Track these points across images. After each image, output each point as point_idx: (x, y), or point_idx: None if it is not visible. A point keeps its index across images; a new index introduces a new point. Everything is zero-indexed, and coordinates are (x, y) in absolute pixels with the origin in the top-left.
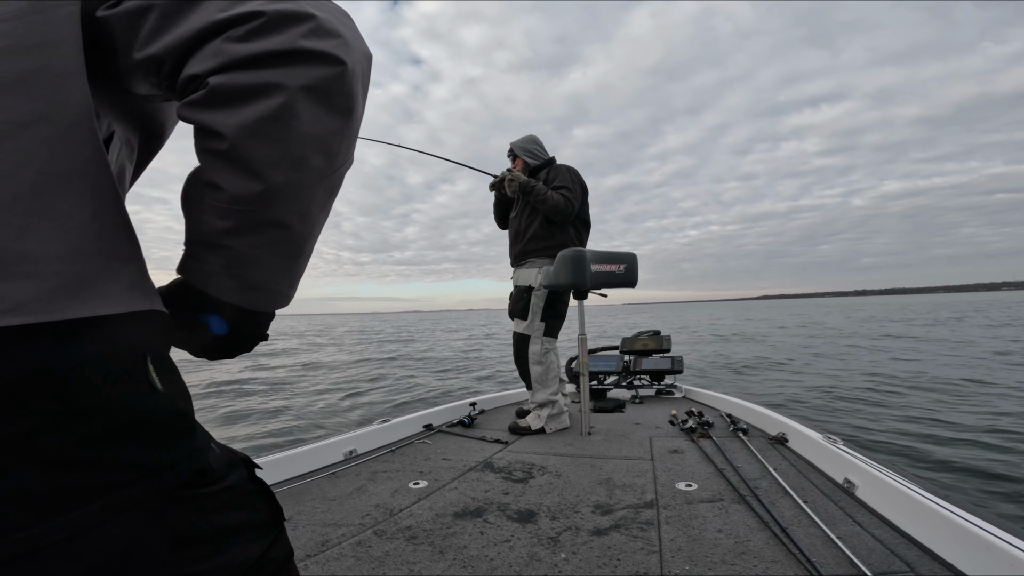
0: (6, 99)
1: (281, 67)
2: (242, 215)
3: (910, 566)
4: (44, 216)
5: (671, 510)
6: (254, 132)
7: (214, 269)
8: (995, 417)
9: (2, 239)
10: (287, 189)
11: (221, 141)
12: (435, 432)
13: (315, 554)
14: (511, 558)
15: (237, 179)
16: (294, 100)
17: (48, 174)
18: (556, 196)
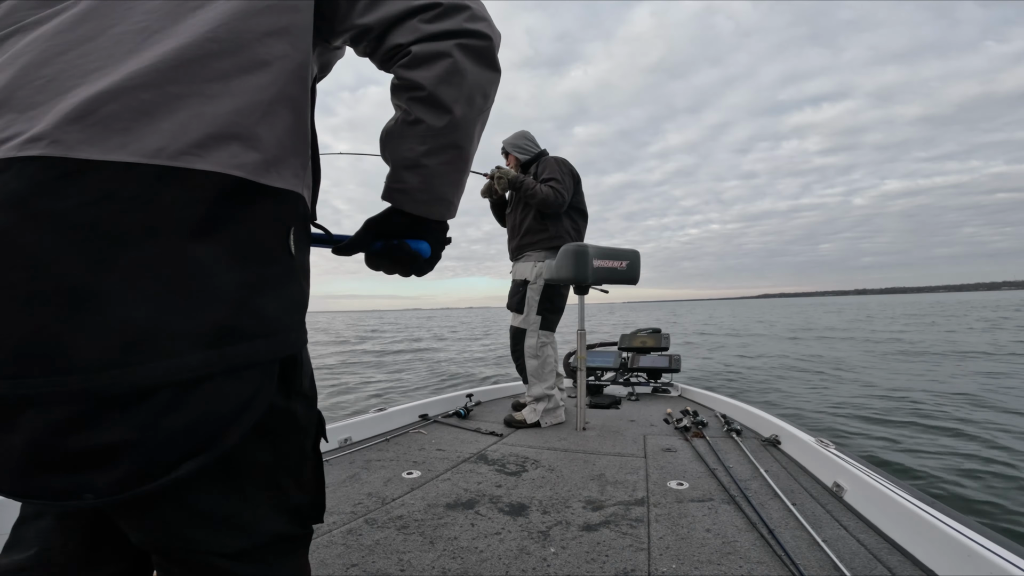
0: (270, 40)
1: (455, 39)
2: (435, 139)
3: (891, 571)
4: (272, 117)
5: (661, 508)
6: (442, 81)
7: (413, 186)
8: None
9: (247, 125)
10: (463, 119)
11: (422, 90)
12: (430, 422)
13: (313, 551)
14: (501, 551)
15: (433, 114)
16: (464, 61)
17: (282, 92)
18: (545, 189)
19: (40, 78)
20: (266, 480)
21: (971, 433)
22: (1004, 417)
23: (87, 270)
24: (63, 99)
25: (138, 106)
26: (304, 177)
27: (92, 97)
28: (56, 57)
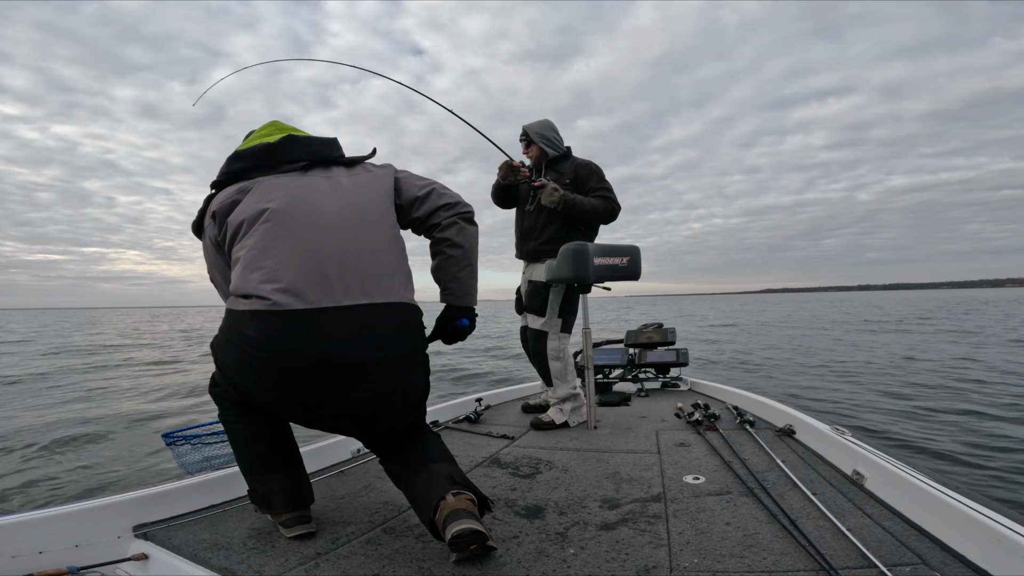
0: (380, 209)
1: (466, 219)
2: (461, 261)
3: (921, 558)
4: (396, 260)
5: (679, 503)
6: (458, 235)
7: (456, 290)
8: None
9: (393, 267)
10: (472, 249)
11: (449, 241)
12: (441, 428)
13: (325, 552)
14: (519, 554)
15: (459, 250)
16: (465, 224)
17: (395, 244)
18: (597, 202)
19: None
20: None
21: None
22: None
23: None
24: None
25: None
26: (414, 294)
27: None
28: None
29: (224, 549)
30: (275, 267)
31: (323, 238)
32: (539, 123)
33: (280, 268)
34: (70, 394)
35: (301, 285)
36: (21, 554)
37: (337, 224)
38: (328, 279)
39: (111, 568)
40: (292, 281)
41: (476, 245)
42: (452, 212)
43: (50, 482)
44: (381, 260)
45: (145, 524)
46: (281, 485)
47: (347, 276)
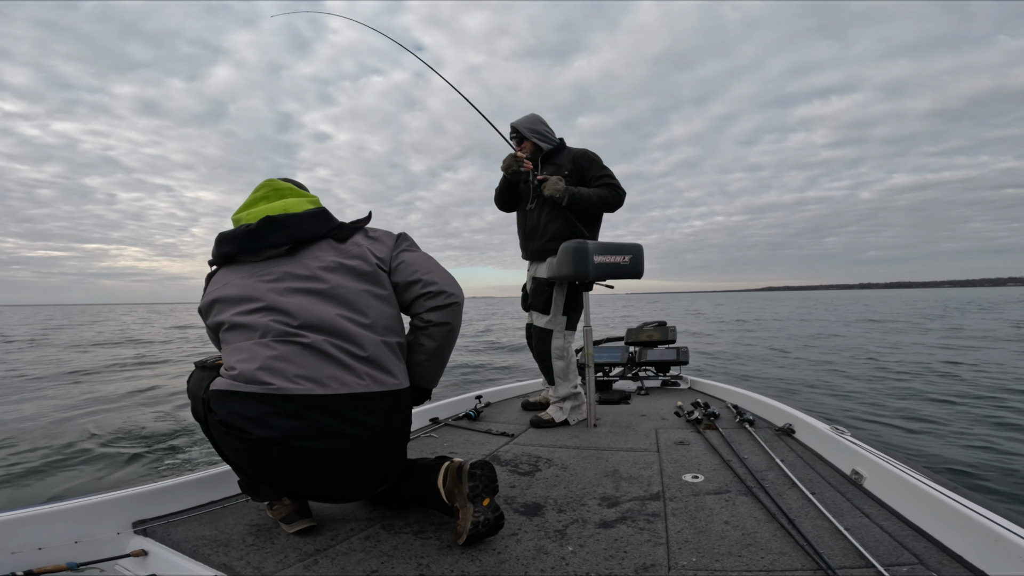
0: (379, 301)
1: (448, 311)
2: (429, 353)
3: (918, 558)
4: (393, 352)
5: (677, 502)
6: (435, 329)
7: (418, 376)
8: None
9: (385, 359)
10: (443, 345)
11: (430, 338)
12: (441, 426)
13: (324, 549)
14: (518, 551)
15: (431, 343)
16: (448, 325)
17: (392, 333)
18: (603, 192)
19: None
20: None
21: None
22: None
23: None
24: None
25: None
26: (407, 377)
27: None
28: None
29: (223, 545)
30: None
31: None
32: (527, 118)
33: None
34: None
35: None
36: (21, 550)
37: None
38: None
39: (110, 564)
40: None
41: (452, 341)
42: (435, 304)
43: (51, 478)
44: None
45: (145, 520)
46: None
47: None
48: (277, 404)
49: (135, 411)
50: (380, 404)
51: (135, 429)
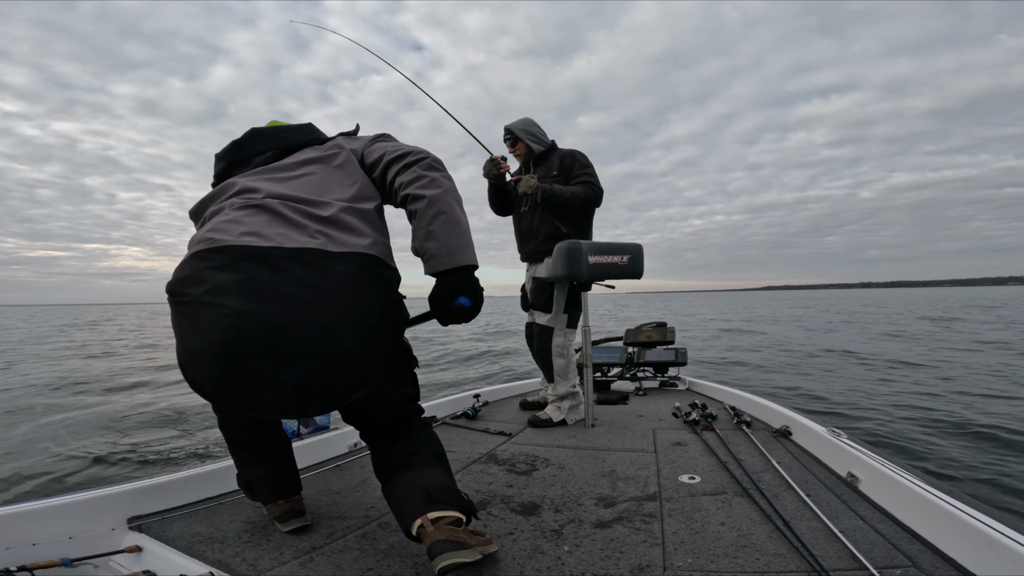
0: (349, 177)
1: (423, 166)
2: (428, 212)
3: (912, 561)
4: (363, 216)
5: (674, 503)
6: (417, 184)
7: (434, 250)
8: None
9: (350, 221)
10: (440, 196)
11: (416, 199)
12: (439, 424)
13: (320, 547)
14: (514, 551)
15: (421, 202)
16: (432, 174)
17: (365, 199)
18: (577, 188)
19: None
20: (394, 380)
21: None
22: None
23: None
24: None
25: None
26: (390, 255)
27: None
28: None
29: (218, 542)
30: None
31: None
32: (522, 121)
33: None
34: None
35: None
36: (15, 545)
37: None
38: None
39: (104, 560)
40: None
41: (447, 193)
42: (401, 164)
43: (46, 474)
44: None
45: (140, 516)
46: (264, 474)
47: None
48: (211, 257)
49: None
50: (337, 267)
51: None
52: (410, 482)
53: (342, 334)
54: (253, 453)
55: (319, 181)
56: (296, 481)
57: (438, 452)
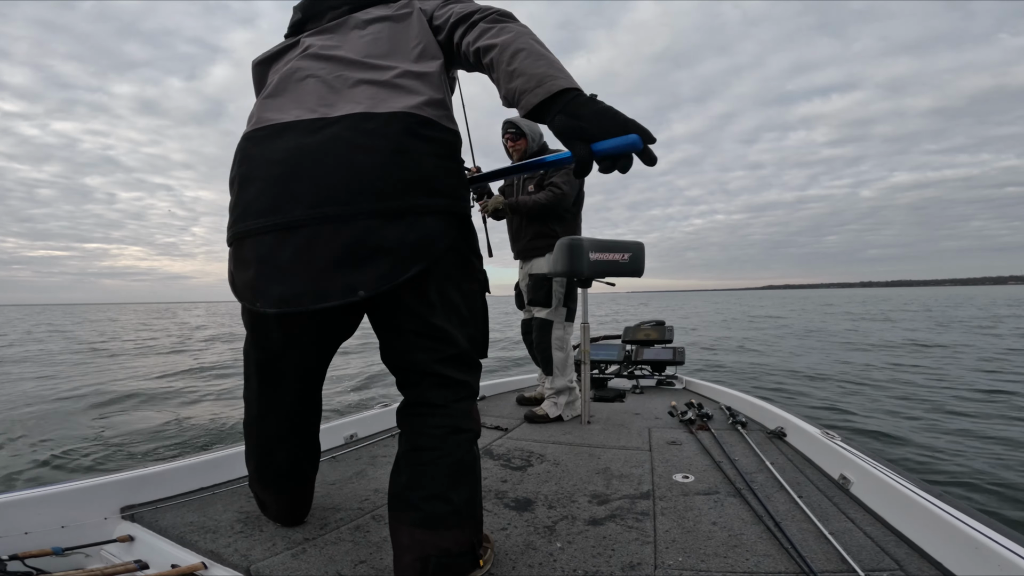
0: (426, 51)
1: (490, 20)
2: (504, 55)
3: (899, 563)
4: (419, 77)
5: (667, 501)
6: (487, 35)
7: (521, 86)
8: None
9: (414, 88)
10: (512, 40)
11: (488, 50)
12: None
13: (313, 538)
14: (507, 546)
15: (493, 51)
16: (502, 23)
17: (429, 74)
18: (540, 196)
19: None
20: (454, 303)
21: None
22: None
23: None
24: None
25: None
26: (450, 113)
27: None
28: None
29: (211, 532)
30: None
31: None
32: (523, 118)
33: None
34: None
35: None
36: (6, 534)
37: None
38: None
39: (96, 549)
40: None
41: (521, 34)
42: (467, 24)
43: (41, 465)
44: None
45: (132, 506)
46: (275, 500)
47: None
48: (255, 139)
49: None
50: (378, 126)
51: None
52: (412, 539)
53: (381, 193)
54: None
55: (384, 42)
56: (308, 507)
57: (459, 489)
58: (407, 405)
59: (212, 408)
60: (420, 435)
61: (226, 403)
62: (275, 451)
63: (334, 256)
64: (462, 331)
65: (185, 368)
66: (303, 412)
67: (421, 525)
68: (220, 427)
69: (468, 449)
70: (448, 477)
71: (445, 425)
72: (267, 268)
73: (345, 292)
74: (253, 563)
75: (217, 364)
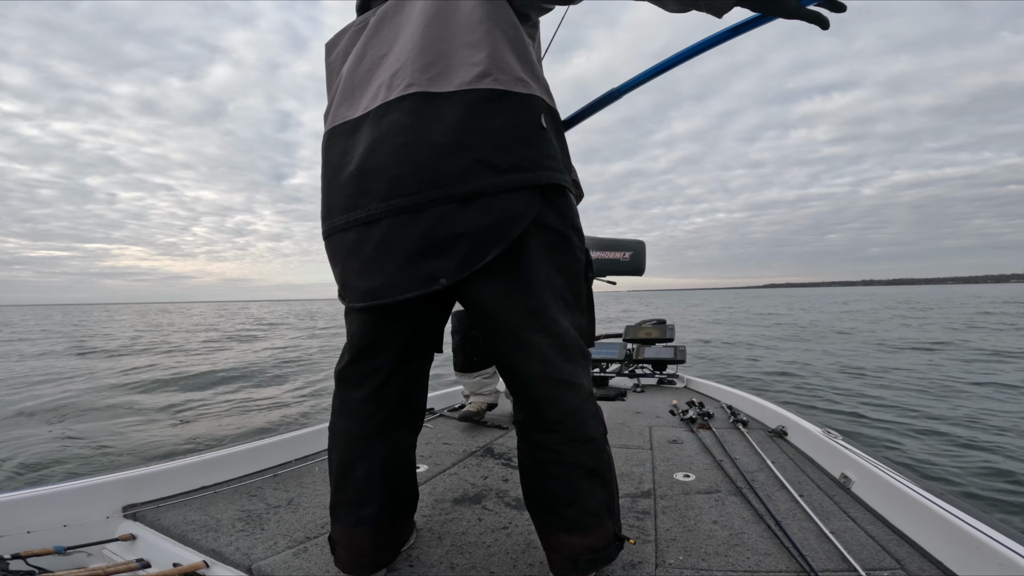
0: (473, 13)
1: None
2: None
3: (900, 563)
4: (496, 50)
5: (668, 500)
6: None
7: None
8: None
9: (478, 61)
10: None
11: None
12: (436, 416)
13: (315, 536)
14: (508, 545)
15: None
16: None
17: (509, 29)
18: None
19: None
20: (555, 286)
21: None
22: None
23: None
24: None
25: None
26: (543, 84)
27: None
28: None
29: (213, 531)
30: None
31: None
32: None
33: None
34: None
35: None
36: (8, 533)
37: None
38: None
39: (98, 548)
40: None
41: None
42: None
43: (42, 464)
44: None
45: (134, 504)
46: (352, 540)
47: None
48: (333, 136)
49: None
50: (443, 106)
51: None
52: (561, 542)
53: (448, 177)
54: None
55: (444, 11)
56: (396, 549)
57: (598, 470)
58: (524, 420)
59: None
60: (544, 450)
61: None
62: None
63: (413, 246)
64: (566, 317)
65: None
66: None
67: (566, 530)
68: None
69: (598, 455)
70: (583, 485)
71: (570, 439)
72: (353, 263)
73: (427, 281)
74: (255, 562)
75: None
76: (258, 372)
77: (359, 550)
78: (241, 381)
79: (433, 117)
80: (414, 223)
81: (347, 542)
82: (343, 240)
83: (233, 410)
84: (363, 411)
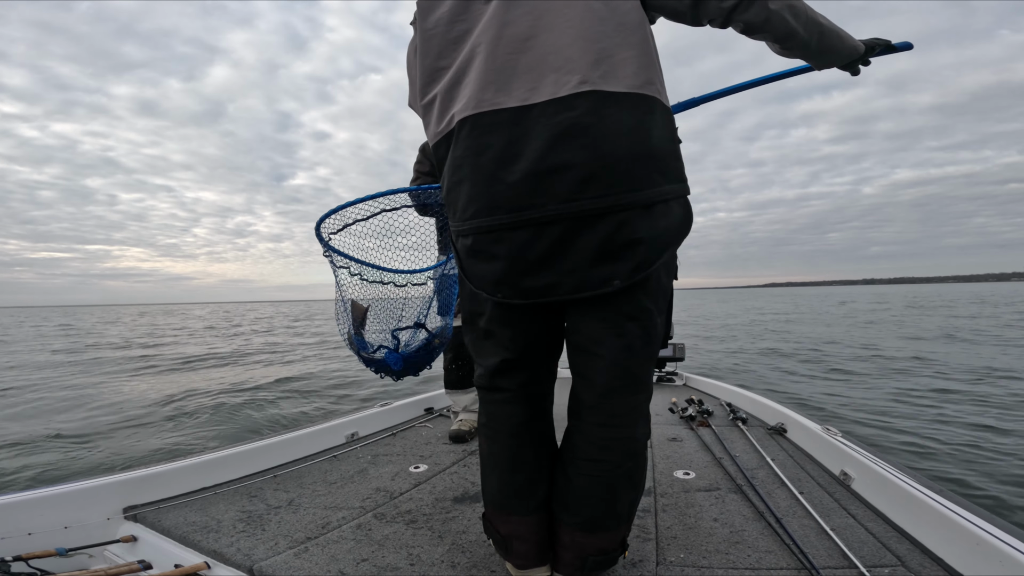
0: (630, 14)
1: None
2: (780, 32)
3: (900, 560)
4: (626, 40)
5: (668, 498)
6: (751, 10)
7: (811, 42)
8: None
9: (636, 61)
10: (784, 14)
11: (758, 30)
12: (436, 415)
13: (315, 536)
14: None
15: (763, 34)
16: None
17: (653, 38)
18: None
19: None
20: (666, 290)
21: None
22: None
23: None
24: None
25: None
26: (661, 89)
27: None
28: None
29: (214, 532)
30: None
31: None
32: None
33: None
34: None
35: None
36: (10, 535)
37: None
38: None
39: (99, 550)
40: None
41: (789, 9)
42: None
43: (45, 465)
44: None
45: (135, 506)
46: (532, 529)
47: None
48: (462, 130)
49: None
50: (618, 109)
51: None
52: (573, 539)
53: (629, 182)
54: (533, 489)
55: (611, 8)
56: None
57: (627, 475)
58: (582, 409)
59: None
60: (592, 446)
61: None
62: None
63: (592, 249)
64: (663, 318)
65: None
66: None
67: (581, 528)
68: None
69: (637, 459)
70: (616, 486)
71: (620, 437)
72: (519, 263)
73: (601, 283)
74: (256, 562)
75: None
76: (259, 372)
77: (542, 538)
78: (241, 384)
79: (612, 118)
80: (596, 226)
81: (525, 533)
82: (508, 238)
83: (233, 410)
84: (521, 405)
